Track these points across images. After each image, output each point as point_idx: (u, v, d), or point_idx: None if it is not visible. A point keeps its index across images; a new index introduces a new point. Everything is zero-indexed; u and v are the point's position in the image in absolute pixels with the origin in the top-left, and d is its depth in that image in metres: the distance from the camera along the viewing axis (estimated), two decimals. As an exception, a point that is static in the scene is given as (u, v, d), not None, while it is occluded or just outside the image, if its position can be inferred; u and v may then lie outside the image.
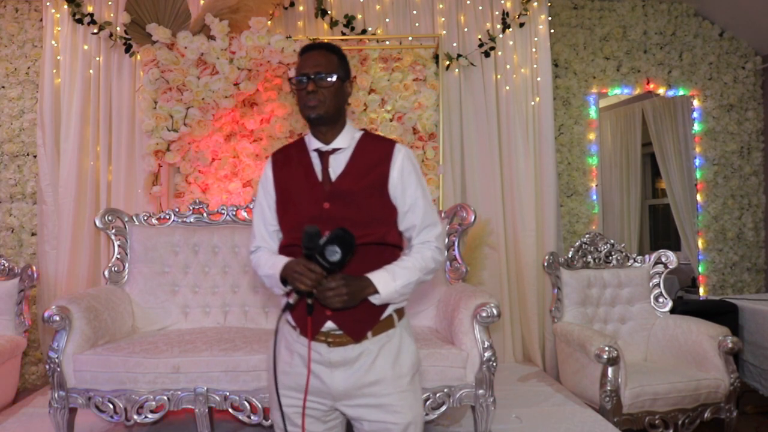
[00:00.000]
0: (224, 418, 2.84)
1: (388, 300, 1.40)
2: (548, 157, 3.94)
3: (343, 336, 1.42)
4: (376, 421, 1.42)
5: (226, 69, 3.44)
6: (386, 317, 1.46)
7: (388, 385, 1.42)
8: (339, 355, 1.42)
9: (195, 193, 3.69)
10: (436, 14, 3.99)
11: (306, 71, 1.45)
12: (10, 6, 4.04)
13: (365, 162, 1.48)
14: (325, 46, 1.50)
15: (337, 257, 1.29)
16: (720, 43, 4.40)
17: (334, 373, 1.43)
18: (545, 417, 2.85)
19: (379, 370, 1.42)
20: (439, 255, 1.50)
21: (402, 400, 1.43)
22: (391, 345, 1.46)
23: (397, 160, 1.48)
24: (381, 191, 1.47)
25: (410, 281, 1.41)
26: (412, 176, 1.49)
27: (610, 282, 3.40)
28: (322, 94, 1.44)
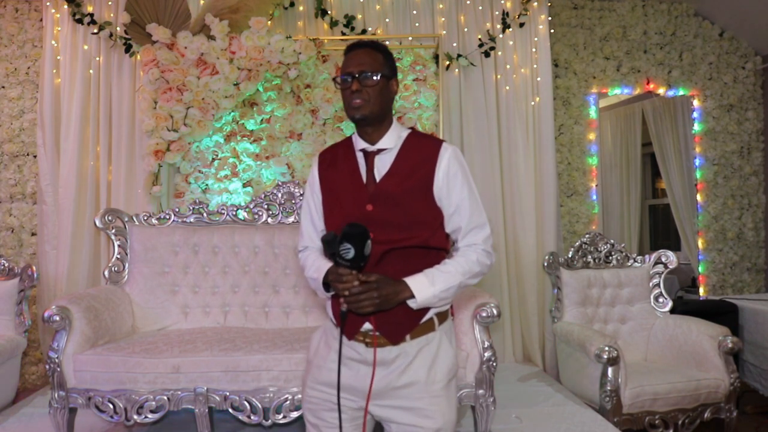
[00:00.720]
0: (224, 418, 2.84)
1: (426, 304, 1.37)
2: (548, 157, 3.94)
3: (381, 337, 1.40)
4: (405, 423, 1.41)
5: (226, 69, 3.44)
6: (426, 321, 1.43)
7: (421, 388, 1.40)
8: (377, 355, 1.41)
9: (195, 193, 3.69)
10: (436, 14, 3.99)
11: (350, 70, 1.43)
12: (10, 6, 4.04)
13: (410, 162, 1.45)
14: (370, 44, 1.48)
15: (351, 254, 1.30)
16: (720, 43, 4.40)
17: (369, 373, 1.41)
18: (545, 417, 2.85)
19: (413, 373, 1.41)
20: (487, 258, 1.47)
21: (434, 405, 1.41)
22: (430, 349, 1.43)
23: (443, 160, 1.45)
24: (425, 193, 1.43)
25: (451, 286, 1.38)
26: (458, 176, 1.46)
27: (610, 282, 3.40)
28: (366, 93, 1.42)
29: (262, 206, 3.33)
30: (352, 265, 1.32)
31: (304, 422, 2.55)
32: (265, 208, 3.33)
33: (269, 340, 2.63)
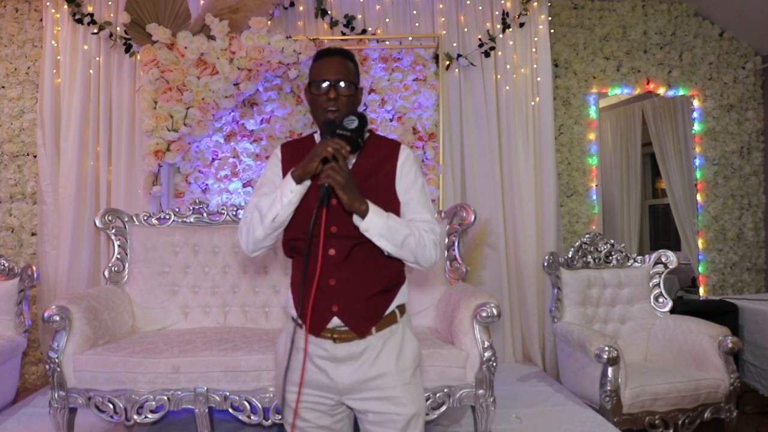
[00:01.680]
0: (224, 418, 2.84)
1: (371, 228, 1.37)
2: (548, 157, 3.94)
3: (348, 332, 1.44)
4: (381, 412, 1.45)
5: (226, 69, 3.44)
6: (389, 313, 1.48)
7: (392, 378, 1.45)
8: (344, 350, 1.45)
9: (195, 193, 3.69)
10: (436, 14, 3.99)
11: (327, 77, 1.48)
12: (10, 6, 4.04)
13: (372, 160, 1.51)
14: (342, 53, 1.53)
15: (355, 124, 1.42)
16: (720, 43, 4.40)
17: (339, 368, 1.45)
18: (545, 417, 2.85)
19: (383, 364, 1.45)
20: (432, 236, 1.46)
21: (406, 392, 1.46)
22: (395, 339, 1.49)
23: (402, 158, 1.52)
24: (388, 189, 1.49)
25: (400, 229, 1.39)
26: (411, 173, 1.52)
27: (610, 282, 3.40)
28: (341, 101, 1.48)
29: (262, 206, 3.32)
30: (352, 137, 1.41)
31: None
32: (265, 208, 3.32)
33: (269, 340, 2.63)
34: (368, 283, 1.46)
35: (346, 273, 1.44)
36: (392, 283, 1.50)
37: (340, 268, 1.44)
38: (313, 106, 1.53)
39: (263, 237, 1.47)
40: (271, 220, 1.44)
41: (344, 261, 1.44)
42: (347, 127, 1.42)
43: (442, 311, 2.82)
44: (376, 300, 1.46)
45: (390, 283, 1.49)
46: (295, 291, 1.53)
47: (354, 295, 1.44)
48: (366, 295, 1.45)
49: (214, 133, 3.75)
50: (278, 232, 1.48)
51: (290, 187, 1.41)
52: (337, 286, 1.44)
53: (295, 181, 1.41)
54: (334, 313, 1.44)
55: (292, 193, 1.41)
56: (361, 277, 1.45)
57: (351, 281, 1.44)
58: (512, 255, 3.97)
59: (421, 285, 3.01)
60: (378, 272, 1.47)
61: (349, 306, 1.44)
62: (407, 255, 1.43)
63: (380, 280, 1.47)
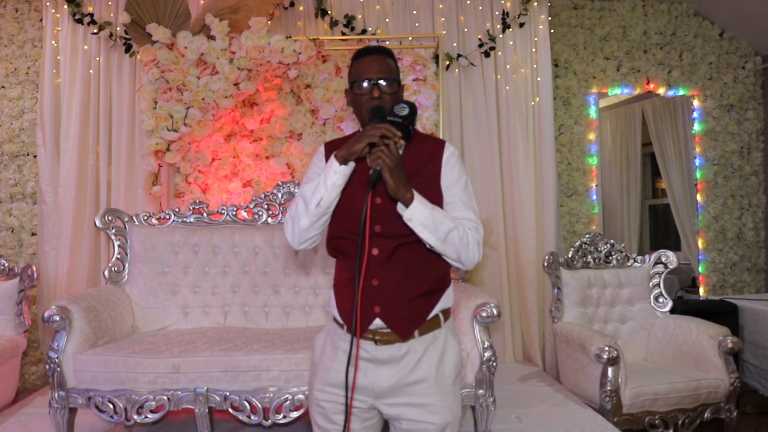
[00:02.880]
0: (224, 418, 2.84)
1: (414, 218, 1.35)
2: (548, 157, 3.94)
3: (391, 334, 1.42)
4: (415, 420, 1.42)
5: (226, 69, 3.44)
6: (433, 317, 1.46)
7: (431, 385, 1.42)
8: (385, 353, 1.42)
9: (195, 193, 3.68)
10: (436, 14, 3.99)
11: (370, 76, 1.46)
12: (10, 6, 4.04)
13: (417, 158, 1.48)
14: (384, 51, 1.52)
15: (406, 111, 1.41)
16: (720, 43, 4.40)
17: (379, 370, 1.43)
18: (545, 417, 2.85)
19: (423, 370, 1.43)
20: (477, 235, 1.43)
21: (443, 401, 1.43)
22: (437, 345, 1.46)
23: (446, 156, 1.50)
24: (433, 188, 1.46)
25: (444, 222, 1.37)
26: (455, 170, 1.49)
27: (610, 282, 3.40)
28: (385, 99, 1.46)
29: (262, 206, 3.33)
30: (403, 125, 1.38)
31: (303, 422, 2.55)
32: (265, 208, 3.33)
33: (269, 340, 2.63)
34: (411, 284, 1.43)
35: (389, 273, 1.42)
36: (436, 286, 1.47)
37: (383, 269, 1.41)
38: (356, 106, 1.50)
39: (309, 225, 1.43)
40: (315, 205, 1.40)
41: (387, 261, 1.41)
42: (398, 113, 1.40)
43: (442, 311, 2.81)
44: (419, 302, 1.43)
45: (434, 286, 1.46)
46: (337, 291, 1.50)
47: (397, 296, 1.42)
48: (409, 297, 1.42)
49: (214, 133, 3.75)
50: (324, 219, 1.44)
51: (334, 168, 1.38)
52: (380, 287, 1.41)
53: (339, 162, 1.38)
54: (376, 314, 1.41)
55: (336, 175, 1.38)
56: (405, 278, 1.43)
57: (394, 282, 1.42)
58: (512, 255, 3.97)
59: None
60: (422, 274, 1.44)
61: (392, 307, 1.41)
62: (450, 250, 1.39)
63: (424, 282, 1.44)
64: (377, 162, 1.32)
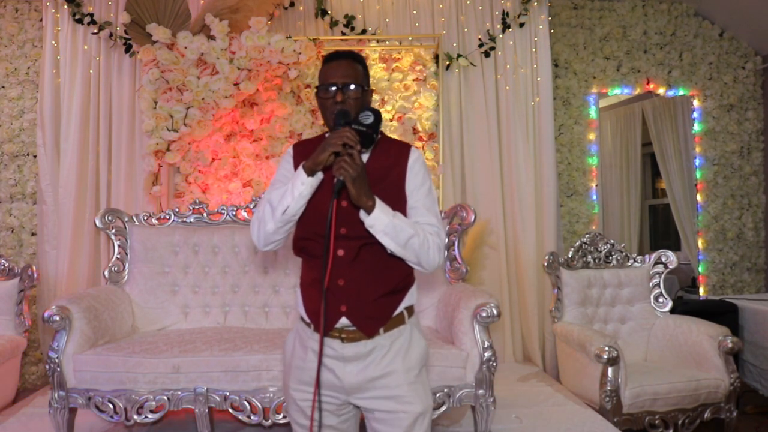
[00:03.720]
0: (224, 418, 2.84)
1: (376, 225, 1.38)
2: (548, 157, 3.94)
3: (356, 332, 1.46)
4: (388, 411, 1.46)
5: (226, 69, 3.44)
6: (397, 314, 1.50)
7: (399, 377, 1.46)
8: (352, 350, 1.46)
9: (195, 193, 3.68)
10: (436, 14, 3.99)
11: (334, 80, 1.48)
12: (10, 6, 4.04)
13: (383, 162, 1.51)
14: (351, 56, 1.54)
15: (370, 119, 1.42)
16: (720, 43, 4.40)
17: (347, 368, 1.46)
18: (545, 417, 2.85)
19: (390, 363, 1.46)
20: (437, 239, 1.47)
21: (412, 392, 1.46)
22: (402, 339, 1.50)
23: (412, 161, 1.53)
24: (397, 192, 1.49)
25: (405, 229, 1.40)
26: (419, 176, 1.52)
27: (610, 282, 3.40)
28: (349, 103, 1.48)
29: (262, 206, 3.32)
30: (366, 133, 1.40)
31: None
32: (265, 208, 3.32)
33: (269, 340, 2.63)
34: (376, 283, 1.47)
35: (354, 273, 1.45)
36: (401, 285, 1.50)
37: (348, 269, 1.44)
38: (322, 109, 1.53)
39: (274, 230, 1.47)
40: (281, 212, 1.43)
41: (352, 261, 1.45)
42: (362, 122, 1.41)
43: (442, 311, 2.82)
44: (383, 301, 1.47)
45: (398, 285, 1.50)
46: (304, 291, 1.54)
47: (362, 296, 1.45)
48: (374, 296, 1.46)
49: (214, 133, 3.75)
50: (289, 225, 1.47)
51: (301, 179, 1.41)
52: (346, 287, 1.44)
53: (306, 173, 1.41)
54: (343, 313, 1.45)
55: (303, 186, 1.41)
56: (369, 277, 1.46)
57: (359, 282, 1.45)
58: (512, 255, 3.97)
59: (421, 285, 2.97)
60: (386, 273, 1.48)
61: (357, 306, 1.45)
62: (410, 255, 1.43)
63: (388, 282, 1.48)
64: (340, 172, 1.34)
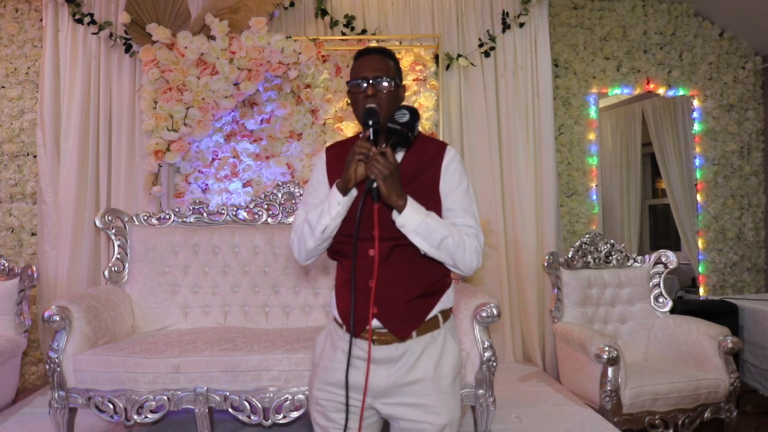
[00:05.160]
0: (224, 418, 2.84)
1: (407, 224, 1.37)
2: (548, 157, 3.94)
3: (387, 334, 1.43)
4: (413, 420, 1.43)
5: (226, 69, 3.44)
6: (431, 318, 1.46)
7: (429, 385, 1.43)
8: (382, 353, 1.43)
9: (195, 193, 3.69)
10: (436, 14, 3.99)
11: (365, 75, 1.47)
12: (10, 6, 4.04)
13: (417, 162, 1.48)
14: (382, 51, 1.53)
15: (405, 117, 1.40)
16: (720, 43, 4.40)
17: (376, 370, 1.43)
18: (545, 417, 2.85)
19: (421, 370, 1.43)
20: (476, 242, 1.44)
21: (441, 402, 1.43)
22: (435, 345, 1.46)
23: (447, 161, 1.50)
24: (432, 193, 1.47)
25: (438, 228, 1.38)
26: (456, 175, 1.49)
27: (610, 282, 3.40)
28: (380, 98, 1.46)
29: (262, 206, 3.33)
30: (402, 132, 1.38)
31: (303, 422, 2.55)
32: (265, 208, 3.32)
33: (269, 340, 2.63)
34: (408, 285, 1.44)
35: (386, 275, 1.42)
36: (435, 288, 1.47)
37: (381, 270, 1.42)
38: (353, 105, 1.51)
39: (314, 247, 1.48)
40: (321, 231, 1.44)
41: (385, 263, 1.43)
42: (398, 120, 1.39)
43: (442, 311, 2.81)
44: (416, 303, 1.44)
45: (432, 287, 1.47)
46: (337, 292, 1.52)
47: (394, 298, 1.43)
48: (406, 298, 1.43)
49: (214, 133, 3.75)
50: (329, 240, 1.48)
51: (337, 199, 1.41)
52: (377, 288, 1.41)
53: (341, 193, 1.41)
54: (374, 315, 1.42)
55: (340, 205, 1.41)
56: (401, 279, 1.44)
57: (390, 283, 1.43)
58: (512, 255, 3.97)
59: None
60: (419, 275, 1.45)
61: (389, 308, 1.42)
62: (445, 257, 1.40)
63: (421, 284, 1.45)
64: (371, 171, 1.34)
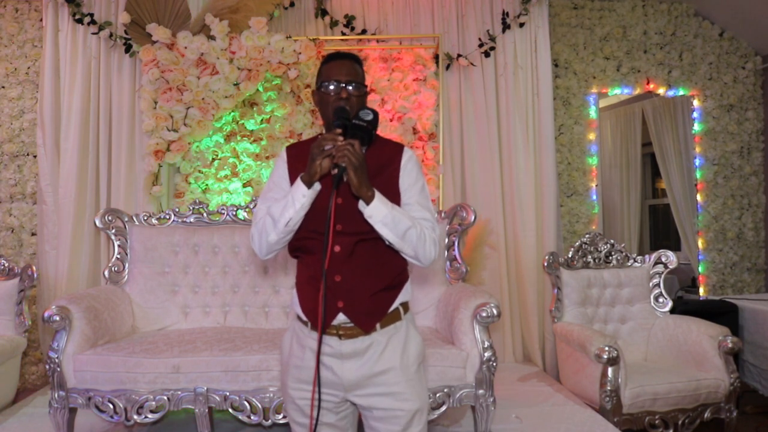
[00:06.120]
0: (224, 418, 2.84)
1: (375, 215, 1.41)
2: (548, 157, 3.94)
3: (354, 328, 1.48)
4: (386, 408, 1.48)
5: (226, 69, 3.44)
6: (393, 310, 1.52)
7: (397, 373, 1.48)
8: (349, 347, 1.48)
9: (195, 193, 3.69)
10: (436, 14, 3.99)
11: (339, 78, 1.52)
12: (10, 6, 4.04)
13: (377, 160, 1.53)
14: (352, 57, 1.59)
15: (370, 116, 1.46)
16: (720, 43, 4.40)
17: (345, 365, 1.48)
18: (545, 417, 2.85)
19: (388, 360, 1.49)
20: (432, 233, 1.50)
21: (410, 388, 1.49)
22: (399, 336, 1.52)
23: (405, 159, 1.57)
24: (392, 189, 1.52)
25: (403, 221, 1.43)
26: (413, 174, 1.56)
27: (610, 282, 3.40)
28: (352, 101, 1.52)
29: (262, 206, 3.32)
30: (366, 129, 1.43)
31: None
32: (265, 208, 3.32)
33: (269, 340, 2.63)
34: (372, 279, 1.49)
35: (351, 269, 1.47)
36: (396, 281, 1.53)
37: (344, 265, 1.47)
38: (322, 106, 1.56)
39: (276, 241, 1.50)
40: (284, 224, 1.46)
41: (348, 257, 1.47)
42: (363, 118, 1.45)
43: (442, 311, 2.82)
44: (380, 296, 1.50)
45: (393, 281, 1.52)
46: (300, 290, 1.55)
47: (359, 291, 1.48)
48: (370, 292, 1.48)
49: (214, 133, 3.75)
50: (291, 234, 1.51)
51: (302, 191, 1.44)
52: (342, 283, 1.47)
53: (306, 185, 1.43)
54: (340, 309, 1.47)
55: (305, 198, 1.44)
56: (365, 273, 1.49)
57: (355, 277, 1.47)
58: (512, 255, 3.97)
59: (421, 285, 3.01)
60: (381, 269, 1.51)
61: (354, 302, 1.47)
62: (407, 248, 1.45)
63: (384, 277, 1.51)
64: (343, 159, 1.37)
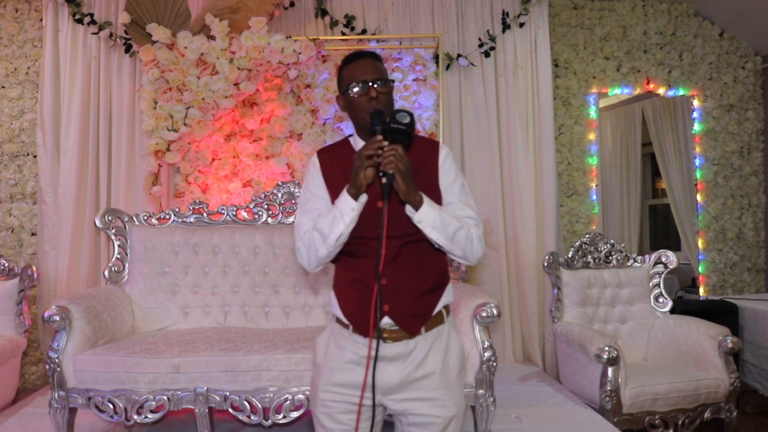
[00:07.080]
0: (224, 418, 2.84)
1: (425, 220, 1.40)
2: (548, 157, 3.94)
3: (399, 331, 1.46)
4: (422, 414, 1.46)
5: (226, 69, 3.44)
6: (437, 313, 1.50)
7: (437, 378, 1.47)
8: (394, 350, 1.46)
9: (195, 193, 3.68)
10: (436, 14, 3.99)
11: (365, 78, 1.50)
12: (10, 6, 4.04)
13: (414, 160, 1.50)
14: (373, 54, 1.56)
15: (407, 119, 1.40)
16: (720, 43, 4.40)
17: (387, 368, 1.46)
18: (545, 417, 2.85)
19: (430, 365, 1.47)
20: (478, 231, 1.48)
21: (449, 395, 1.48)
22: (441, 340, 1.51)
23: (442, 157, 1.55)
24: (432, 188, 1.51)
25: (452, 222, 1.42)
26: (451, 172, 1.55)
27: (610, 282, 3.40)
28: (381, 99, 1.49)
29: (262, 206, 3.33)
30: (406, 132, 1.39)
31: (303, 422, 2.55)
32: (265, 208, 3.33)
33: (269, 340, 2.63)
34: (417, 281, 1.48)
35: (396, 272, 1.46)
36: (439, 282, 1.52)
37: (390, 268, 1.45)
38: (352, 110, 1.53)
39: (327, 255, 1.48)
40: (335, 240, 1.44)
41: (394, 260, 1.45)
42: (401, 121, 1.41)
43: (442, 311, 2.81)
44: (424, 299, 1.48)
45: (437, 282, 1.51)
46: (341, 292, 1.53)
47: (404, 294, 1.46)
48: (415, 294, 1.47)
49: (214, 133, 3.75)
50: (341, 247, 1.48)
51: (350, 206, 1.41)
52: (388, 286, 1.45)
53: (352, 198, 1.41)
54: (386, 312, 1.45)
55: (353, 211, 1.42)
56: (410, 275, 1.47)
57: (401, 280, 1.46)
58: (512, 255, 3.97)
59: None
60: (426, 270, 1.49)
61: (400, 305, 1.45)
62: (456, 249, 1.45)
63: (428, 278, 1.49)
64: (390, 166, 1.34)
